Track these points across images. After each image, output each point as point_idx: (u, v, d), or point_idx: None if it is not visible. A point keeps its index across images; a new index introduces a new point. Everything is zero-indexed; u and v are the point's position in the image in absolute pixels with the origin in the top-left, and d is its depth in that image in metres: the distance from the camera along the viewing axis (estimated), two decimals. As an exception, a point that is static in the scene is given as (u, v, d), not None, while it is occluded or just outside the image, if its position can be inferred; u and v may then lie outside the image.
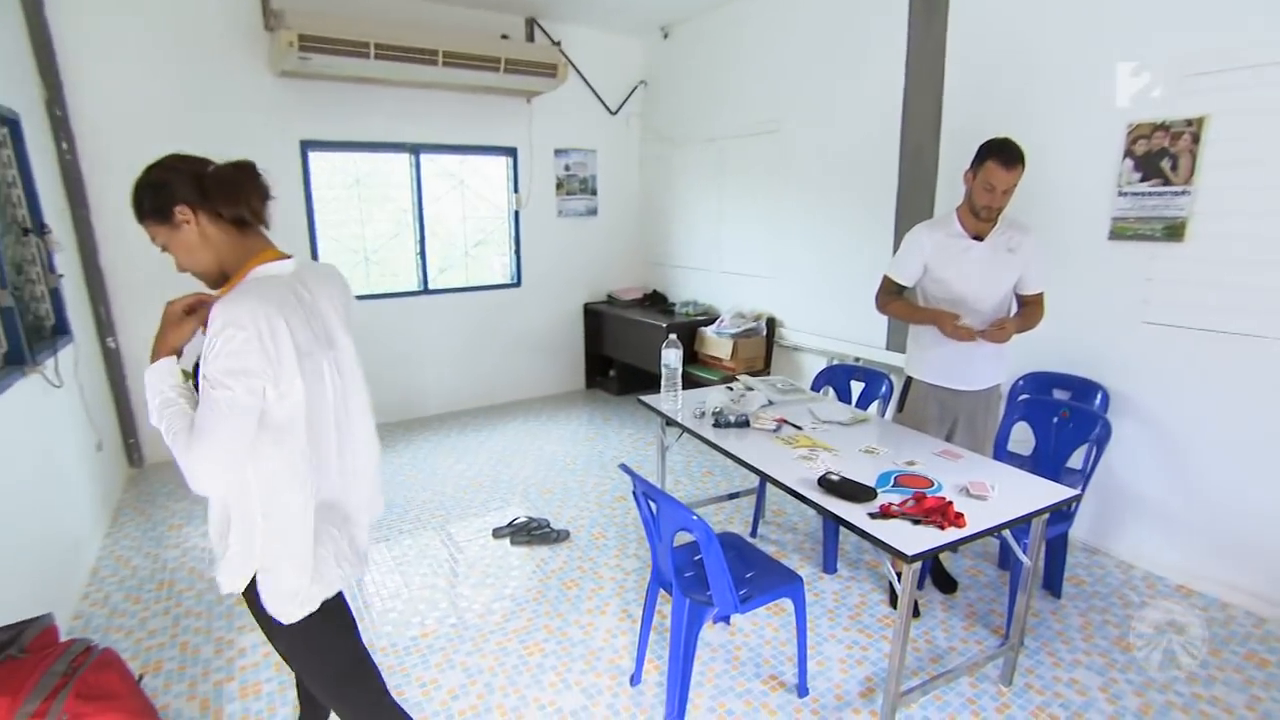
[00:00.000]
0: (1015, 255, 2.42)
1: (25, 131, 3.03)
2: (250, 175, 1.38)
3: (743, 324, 4.48)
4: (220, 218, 1.33)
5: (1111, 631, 2.50)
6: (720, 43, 4.73)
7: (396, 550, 3.14)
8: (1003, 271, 2.45)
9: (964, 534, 1.75)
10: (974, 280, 2.45)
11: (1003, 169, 2.26)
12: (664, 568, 2.02)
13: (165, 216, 1.30)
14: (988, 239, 2.42)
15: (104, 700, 1.41)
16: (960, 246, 2.44)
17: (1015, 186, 2.31)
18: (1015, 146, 2.28)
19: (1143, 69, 2.64)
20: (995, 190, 2.30)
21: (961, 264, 2.45)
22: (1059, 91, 2.91)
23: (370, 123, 4.50)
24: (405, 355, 4.94)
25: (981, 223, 2.41)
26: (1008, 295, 2.51)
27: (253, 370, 1.20)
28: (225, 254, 1.35)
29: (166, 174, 1.31)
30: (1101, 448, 2.55)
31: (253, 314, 1.20)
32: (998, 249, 2.42)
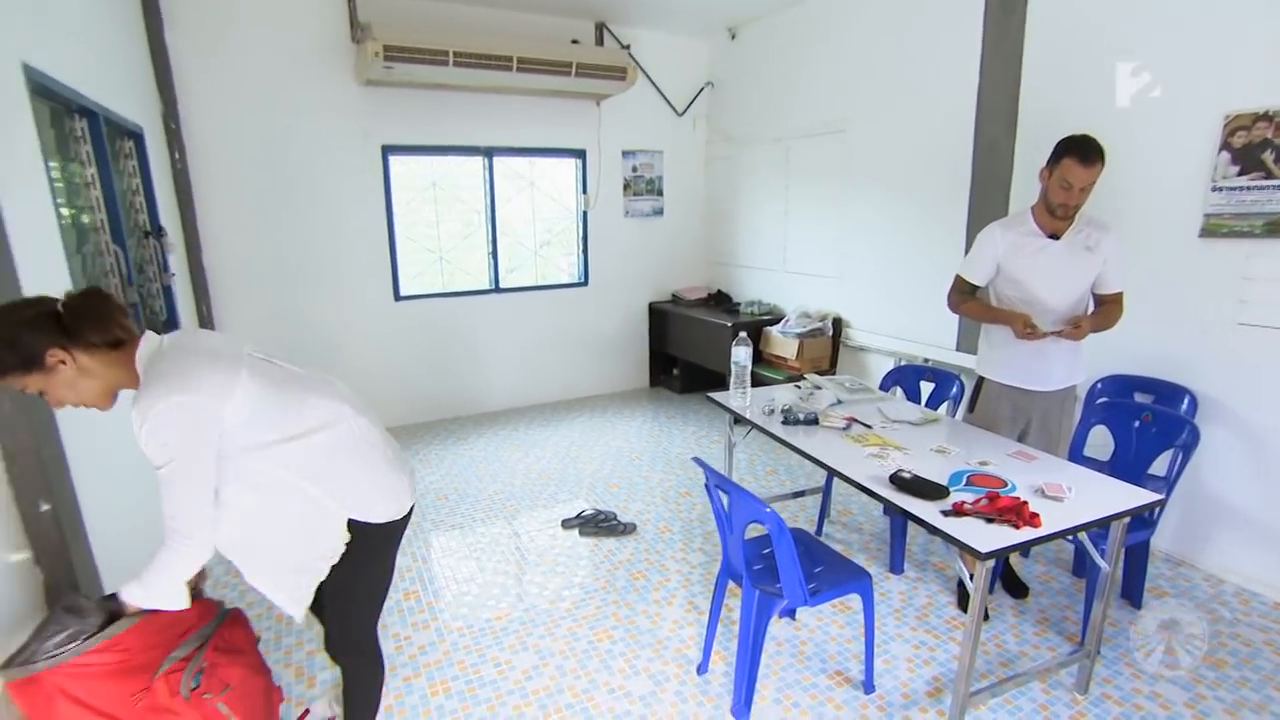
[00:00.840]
0: (1093, 254, 2.36)
1: (147, 143, 3.31)
2: (106, 298, 1.42)
3: (808, 324, 4.47)
4: (95, 346, 1.35)
5: (1200, 647, 2.41)
6: (788, 42, 4.73)
7: (470, 537, 3.28)
8: (1080, 271, 2.39)
9: (1039, 534, 1.74)
10: (1049, 280, 2.39)
11: (1080, 166, 2.21)
12: (735, 559, 2.07)
13: (37, 364, 1.30)
14: (1064, 237, 2.36)
15: (234, 654, 1.57)
16: (1036, 245, 2.39)
17: (1094, 184, 2.25)
18: (1094, 143, 2.22)
19: (1243, 56, 2.52)
20: (1072, 188, 2.24)
21: (1036, 263, 2.40)
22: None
23: (447, 127, 4.70)
24: (475, 351, 5.13)
25: (1058, 221, 2.36)
26: (1084, 295, 2.45)
27: (192, 428, 1.34)
28: (111, 376, 1.40)
29: (14, 327, 1.29)
30: (1188, 454, 2.45)
31: (164, 394, 1.31)
32: (1075, 248, 2.36)
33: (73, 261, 2.29)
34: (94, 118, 2.68)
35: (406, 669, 2.34)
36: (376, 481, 1.59)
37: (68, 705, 1.40)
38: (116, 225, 2.82)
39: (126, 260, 2.86)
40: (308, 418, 1.50)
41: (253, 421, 1.44)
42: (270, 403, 1.46)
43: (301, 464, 1.48)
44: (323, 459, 1.51)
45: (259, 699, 1.66)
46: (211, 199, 4.09)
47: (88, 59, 2.67)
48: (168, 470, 1.33)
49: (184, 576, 1.41)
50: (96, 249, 2.72)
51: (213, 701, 1.53)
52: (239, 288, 4.30)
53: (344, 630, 1.69)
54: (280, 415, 1.47)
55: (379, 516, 1.58)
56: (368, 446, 1.59)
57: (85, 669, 1.39)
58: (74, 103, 2.48)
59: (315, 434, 1.50)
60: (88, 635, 1.39)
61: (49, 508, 1.63)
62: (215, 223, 4.13)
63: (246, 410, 1.42)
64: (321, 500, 1.50)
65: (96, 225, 2.73)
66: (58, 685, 1.40)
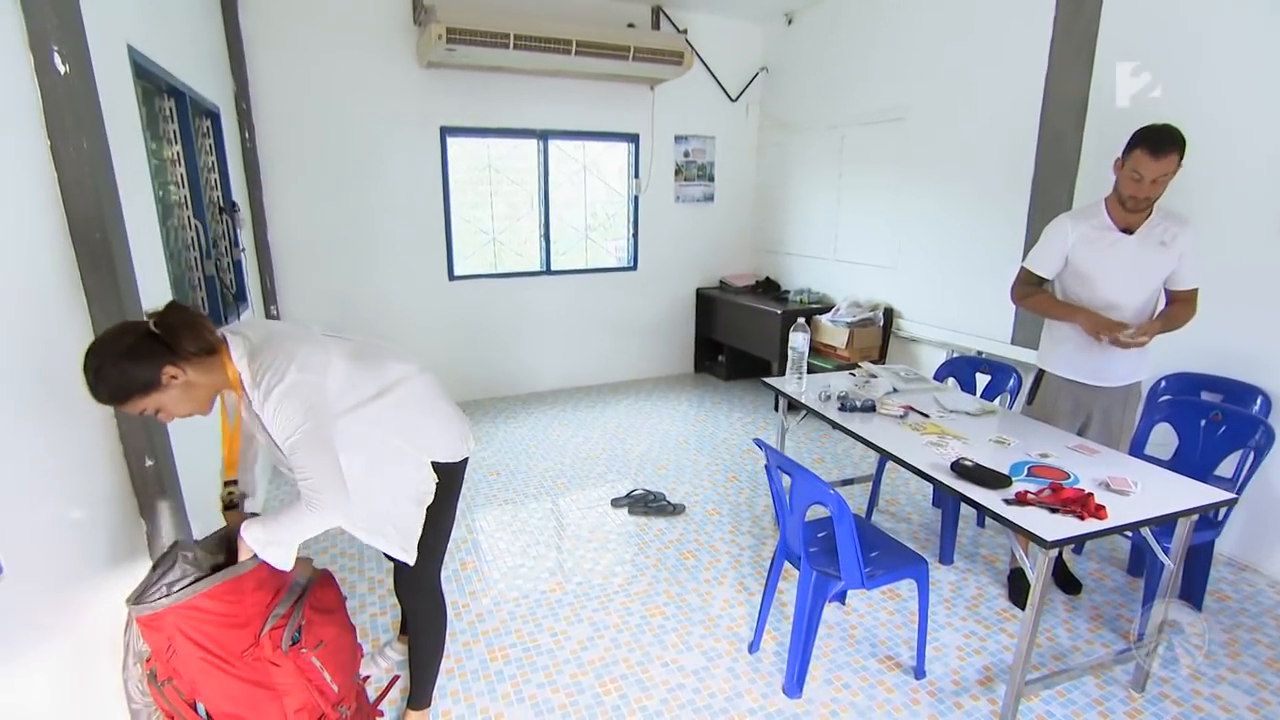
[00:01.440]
0: (1168, 249, 2.29)
1: (223, 123, 3.44)
2: (188, 308, 1.49)
3: (859, 313, 4.44)
4: (194, 355, 1.42)
5: (1264, 653, 2.36)
6: (846, 28, 4.67)
7: (522, 512, 3.38)
8: (1152, 267, 2.32)
9: (1105, 526, 1.74)
10: (1119, 276, 2.34)
11: (1151, 158, 2.14)
12: (793, 540, 2.11)
13: (155, 385, 1.37)
14: (1139, 232, 2.30)
15: (327, 613, 1.67)
16: (1108, 240, 2.34)
17: (1168, 177, 2.18)
18: (1170, 133, 2.15)
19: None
20: (1143, 180, 2.18)
21: (1106, 258, 2.34)
22: (1231, 70, 2.72)
23: (503, 110, 4.76)
24: (525, 332, 5.22)
25: (1131, 214, 2.29)
26: (1156, 292, 2.39)
27: (311, 402, 1.47)
28: (213, 381, 1.48)
29: (126, 354, 1.34)
30: (1261, 456, 2.40)
31: (279, 379, 1.44)
32: (1148, 242, 2.30)
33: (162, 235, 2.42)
34: (181, 97, 2.80)
35: (466, 634, 2.44)
36: (446, 426, 1.81)
37: (185, 644, 1.52)
38: (198, 201, 2.95)
39: (206, 235, 2.99)
40: (385, 377, 1.69)
41: (346, 388, 1.60)
42: (356, 369, 1.63)
43: (388, 419, 1.67)
44: (401, 411, 1.70)
45: (346, 655, 1.76)
46: (277, 177, 4.24)
47: (175, 40, 2.79)
48: (296, 439, 1.44)
49: (310, 533, 1.51)
50: (180, 223, 2.85)
51: (308, 656, 1.64)
52: (300, 264, 4.45)
53: (417, 572, 1.84)
54: (364, 378, 1.65)
55: (452, 456, 1.81)
56: (434, 397, 1.81)
57: (199, 612, 1.50)
58: (164, 82, 2.59)
59: (393, 390, 1.69)
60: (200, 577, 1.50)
61: (152, 463, 1.74)
62: (280, 200, 4.28)
63: (341, 378, 1.58)
64: (407, 450, 1.71)
65: (180, 201, 2.87)
66: (176, 624, 1.51)
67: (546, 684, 2.19)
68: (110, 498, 1.64)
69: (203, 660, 1.52)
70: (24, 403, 1.32)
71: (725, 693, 2.15)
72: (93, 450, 1.59)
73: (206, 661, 1.52)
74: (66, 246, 1.55)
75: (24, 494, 1.28)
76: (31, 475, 1.32)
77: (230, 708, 1.56)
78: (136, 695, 1.58)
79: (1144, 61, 3.00)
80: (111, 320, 1.59)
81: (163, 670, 1.55)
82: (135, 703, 1.59)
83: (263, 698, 1.57)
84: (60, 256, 1.52)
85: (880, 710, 2.09)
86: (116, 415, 1.68)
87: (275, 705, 1.59)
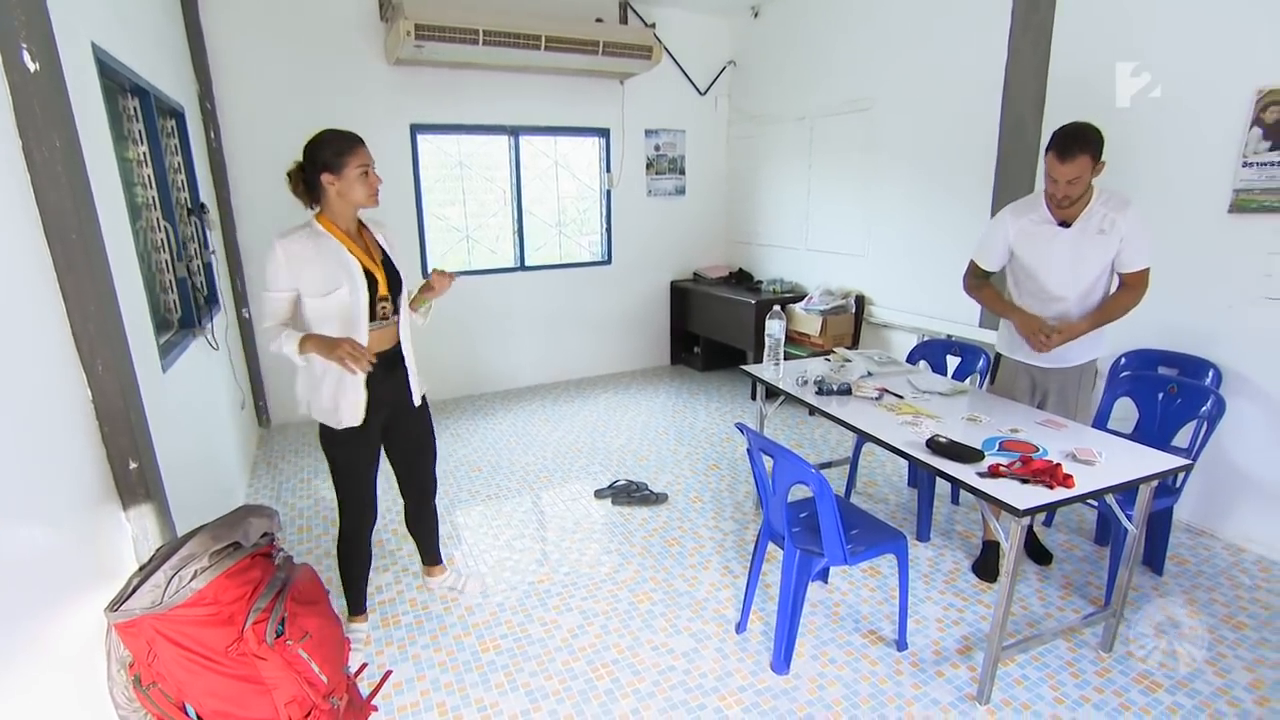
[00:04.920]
0: (1107, 236, 2.32)
1: (188, 123, 3.38)
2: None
3: (831, 301, 4.53)
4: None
5: (1220, 610, 2.49)
6: (812, 20, 4.74)
7: (506, 506, 3.39)
8: (1093, 257, 2.36)
9: (1073, 494, 1.82)
10: (1059, 268, 2.41)
11: (1059, 162, 2.20)
12: (776, 521, 2.16)
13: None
14: (1075, 224, 2.35)
15: (310, 605, 1.68)
16: (1046, 234, 2.40)
17: (1082, 179, 2.22)
18: (1078, 136, 2.18)
19: (1275, 31, 2.55)
20: (1058, 182, 2.24)
21: (1046, 251, 2.41)
22: (1179, 57, 2.83)
23: (473, 107, 4.75)
24: (501, 329, 5.22)
25: (1062, 210, 2.34)
26: (1101, 278, 2.42)
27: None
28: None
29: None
30: (1213, 425, 2.52)
31: None
32: (1086, 233, 2.34)
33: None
34: (145, 96, 2.75)
35: (457, 628, 2.45)
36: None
37: (166, 646, 1.51)
38: (166, 203, 2.90)
39: (175, 236, 2.95)
40: None
41: None
42: None
43: None
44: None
45: (333, 646, 1.76)
46: (245, 177, 4.17)
47: (138, 38, 2.74)
48: None
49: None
50: (149, 225, 2.80)
51: (294, 648, 1.64)
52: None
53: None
54: None
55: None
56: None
57: (180, 619, 1.50)
58: (129, 81, 2.55)
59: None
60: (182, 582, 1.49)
61: (136, 465, 1.73)
62: (248, 200, 4.21)
63: None
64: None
65: (148, 202, 2.82)
66: (156, 629, 1.50)
67: (539, 672, 2.22)
68: (93, 502, 1.62)
69: (187, 660, 1.51)
70: (2, 406, 1.30)
71: (715, 672, 2.20)
72: (75, 454, 1.58)
73: (191, 661, 1.51)
74: (42, 247, 1.52)
75: (3, 500, 1.27)
76: (11, 481, 1.31)
77: (219, 706, 1.56)
78: (123, 701, 1.57)
79: (1097, 46, 3.11)
80: (91, 322, 1.58)
81: (146, 674, 1.54)
82: (122, 709, 1.58)
83: (251, 693, 1.57)
84: (36, 257, 1.50)
85: (865, 682, 2.16)
86: (99, 418, 1.66)
87: (265, 700, 1.59)
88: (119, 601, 1.50)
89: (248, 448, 3.98)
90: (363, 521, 2.28)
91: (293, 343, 1.95)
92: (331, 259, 2.00)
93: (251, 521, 1.71)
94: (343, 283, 1.99)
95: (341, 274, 2.00)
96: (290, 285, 1.98)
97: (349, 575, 2.36)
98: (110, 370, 1.64)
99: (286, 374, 4.55)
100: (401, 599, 2.63)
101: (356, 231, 2.11)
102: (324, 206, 2.05)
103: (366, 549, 2.35)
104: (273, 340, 1.99)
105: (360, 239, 2.11)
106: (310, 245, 1.99)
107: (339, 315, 2.01)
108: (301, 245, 1.98)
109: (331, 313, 2.00)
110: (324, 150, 1.97)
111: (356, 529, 2.28)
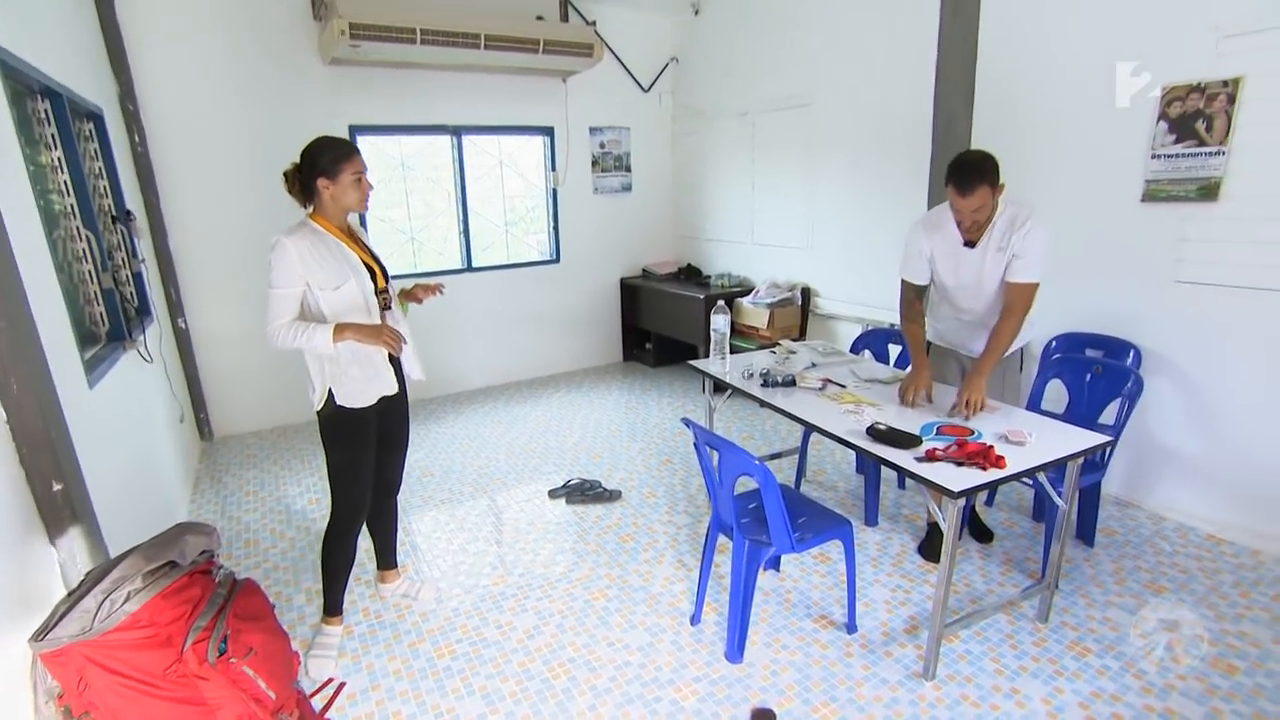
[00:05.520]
0: (1005, 253, 2.37)
1: (108, 126, 3.23)
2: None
3: (778, 294, 4.61)
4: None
5: (1144, 576, 2.63)
6: (751, 17, 4.80)
7: (459, 511, 3.36)
8: (994, 273, 2.42)
9: (1004, 474, 1.90)
10: (968, 283, 2.50)
11: (959, 196, 2.27)
12: (724, 512, 2.20)
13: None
14: (979, 244, 2.42)
15: (254, 620, 1.63)
16: (956, 255, 2.49)
17: (986, 204, 2.27)
18: (973, 169, 2.23)
19: (1179, 32, 2.70)
20: (963, 212, 2.32)
21: (954, 269, 2.52)
22: (1092, 57, 2.97)
23: (414, 106, 4.66)
24: (450, 331, 5.14)
25: (969, 232, 2.41)
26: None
27: None
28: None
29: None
30: (1133, 402, 2.66)
31: None
32: (989, 251, 2.41)
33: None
34: (57, 98, 2.62)
35: (411, 635, 2.42)
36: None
37: (98, 673, 1.46)
38: (86, 210, 2.77)
39: (100, 245, 2.82)
40: None
41: None
42: None
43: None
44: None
45: (280, 661, 1.72)
46: (175, 182, 4.01)
47: (45, 36, 2.60)
48: None
49: None
50: (68, 234, 2.67)
51: (238, 666, 1.60)
52: (209, 273, 4.24)
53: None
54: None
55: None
56: None
57: (113, 644, 1.44)
58: (37, 83, 2.42)
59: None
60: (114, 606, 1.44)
61: (61, 487, 1.65)
62: (181, 207, 4.06)
63: None
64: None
65: (66, 210, 2.69)
66: (86, 656, 1.45)
67: (495, 675, 2.21)
68: (12, 526, 1.54)
69: (121, 687, 1.46)
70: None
71: (670, 665, 2.23)
72: (-10, 477, 1.50)
73: (126, 688, 1.46)
74: (-56, 262, 1.45)
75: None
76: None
77: (160, 731, 1.51)
78: (55, 735, 1.51)
79: (1020, 46, 3.24)
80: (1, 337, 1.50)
81: (78, 705, 1.48)
82: None
83: (194, 715, 1.52)
84: (-62, 273, 1.43)
85: (817, 666, 2.21)
86: (15, 439, 1.58)
87: (209, 721, 1.55)
88: (44, 630, 1.43)
89: (189, 462, 3.84)
90: (357, 515, 2.30)
91: (325, 333, 2.01)
92: (335, 254, 2.10)
93: (188, 539, 1.66)
94: (349, 276, 2.10)
95: (346, 267, 2.10)
96: (300, 280, 2.05)
97: (333, 571, 2.34)
98: (26, 388, 1.57)
99: (229, 386, 4.44)
100: (354, 609, 2.58)
101: (348, 230, 2.21)
102: (317, 207, 2.13)
103: (355, 545, 2.35)
104: (287, 336, 2.04)
105: (352, 236, 2.22)
106: (315, 241, 2.07)
107: (355, 306, 2.12)
108: (308, 240, 2.06)
109: (346, 304, 2.10)
110: (320, 157, 2.06)
111: (350, 525, 2.29)
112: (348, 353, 2.13)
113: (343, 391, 2.15)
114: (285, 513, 3.38)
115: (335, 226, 2.15)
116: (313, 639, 2.35)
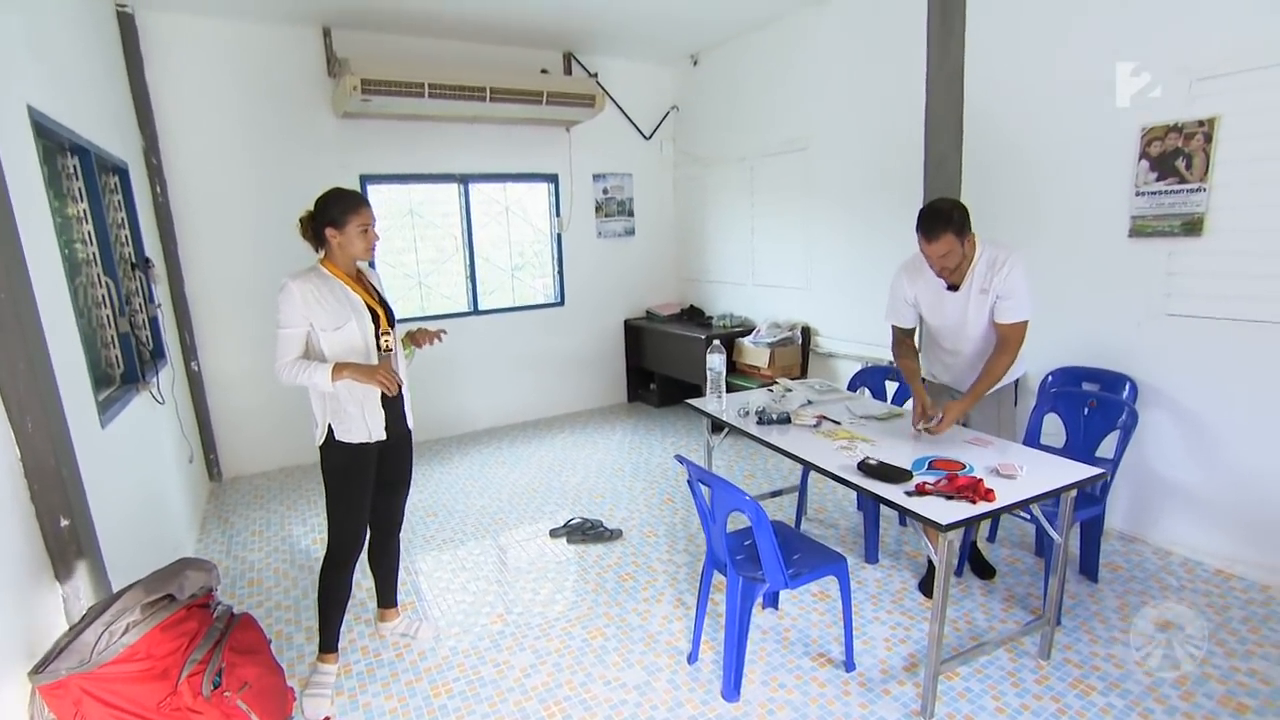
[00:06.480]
0: (988, 294, 2.43)
1: (131, 178, 3.40)
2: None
3: (779, 333, 4.67)
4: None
5: (1150, 612, 2.59)
6: (748, 67, 4.98)
7: (461, 551, 3.37)
8: (977, 316, 2.48)
9: (993, 507, 1.91)
10: (953, 326, 2.57)
11: (927, 243, 2.34)
12: (718, 549, 2.21)
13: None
14: (962, 287, 2.48)
15: (249, 654, 1.67)
16: (938, 296, 2.56)
17: (954, 250, 2.32)
18: (938, 217, 2.29)
19: (1153, 76, 2.79)
20: (931, 258, 2.39)
21: (939, 312, 2.58)
22: (1074, 100, 3.07)
23: (422, 156, 4.84)
24: (457, 372, 5.23)
25: (948, 275, 2.46)
26: (990, 332, 2.52)
27: None
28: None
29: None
30: (1129, 434, 2.67)
31: None
32: (971, 293, 2.47)
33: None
34: (85, 155, 2.77)
35: (408, 674, 2.43)
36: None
37: (94, 705, 1.49)
38: (107, 258, 2.90)
39: (118, 292, 2.93)
40: None
41: None
42: None
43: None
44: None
45: (274, 696, 1.75)
46: (193, 231, 4.18)
47: (78, 98, 2.77)
48: None
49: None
50: (89, 281, 2.79)
51: (232, 700, 1.63)
52: (222, 317, 4.37)
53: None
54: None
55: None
56: None
57: (109, 676, 1.48)
58: (67, 141, 2.57)
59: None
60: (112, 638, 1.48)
61: (68, 523, 1.71)
62: (197, 254, 4.21)
63: None
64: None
65: (88, 259, 2.81)
66: (83, 688, 1.48)
67: (491, 714, 2.20)
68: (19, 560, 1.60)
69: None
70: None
71: (666, 704, 2.22)
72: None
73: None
74: (-30, 307, 1.54)
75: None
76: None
77: (154, 764, 1.53)
78: (51, 769, 1.53)
79: (1005, 92, 3.35)
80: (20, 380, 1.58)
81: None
82: None
83: (189, 750, 1.55)
84: (-37, 317, 1.51)
85: (814, 705, 2.19)
86: (28, 475, 1.65)
87: (204, 755, 1.57)
88: (44, 663, 1.47)
89: (197, 502, 3.90)
90: (353, 549, 2.35)
91: (324, 372, 2.12)
92: (339, 297, 2.21)
93: (188, 574, 1.70)
94: (350, 318, 2.20)
95: (348, 309, 2.21)
96: (303, 321, 2.16)
97: (329, 607, 2.37)
98: (40, 427, 1.64)
99: (239, 428, 4.53)
100: (354, 647, 2.59)
101: (356, 275, 2.31)
102: (327, 253, 2.26)
103: (350, 580, 2.38)
104: (291, 373, 2.16)
105: (359, 281, 2.32)
106: (319, 284, 2.19)
107: (355, 348, 2.22)
108: (312, 284, 2.17)
109: (345, 345, 2.20)
110: (331, 208, 2.19)
111: (346, 557, 2.33)
112: (345, 391, 2.21)
113: (342, 427, 2.23)
114: (289, 552, 3.42)
115: (343, 271, 2.26)
116: (309, 677, 2.36)
